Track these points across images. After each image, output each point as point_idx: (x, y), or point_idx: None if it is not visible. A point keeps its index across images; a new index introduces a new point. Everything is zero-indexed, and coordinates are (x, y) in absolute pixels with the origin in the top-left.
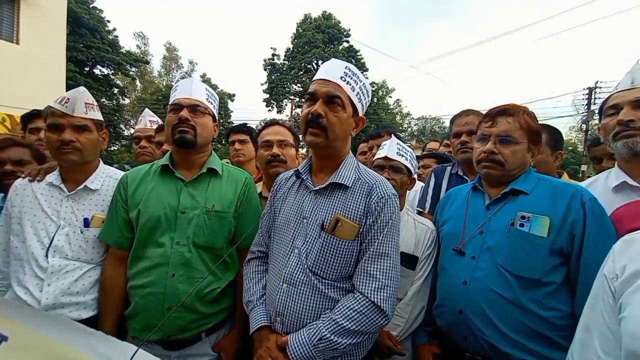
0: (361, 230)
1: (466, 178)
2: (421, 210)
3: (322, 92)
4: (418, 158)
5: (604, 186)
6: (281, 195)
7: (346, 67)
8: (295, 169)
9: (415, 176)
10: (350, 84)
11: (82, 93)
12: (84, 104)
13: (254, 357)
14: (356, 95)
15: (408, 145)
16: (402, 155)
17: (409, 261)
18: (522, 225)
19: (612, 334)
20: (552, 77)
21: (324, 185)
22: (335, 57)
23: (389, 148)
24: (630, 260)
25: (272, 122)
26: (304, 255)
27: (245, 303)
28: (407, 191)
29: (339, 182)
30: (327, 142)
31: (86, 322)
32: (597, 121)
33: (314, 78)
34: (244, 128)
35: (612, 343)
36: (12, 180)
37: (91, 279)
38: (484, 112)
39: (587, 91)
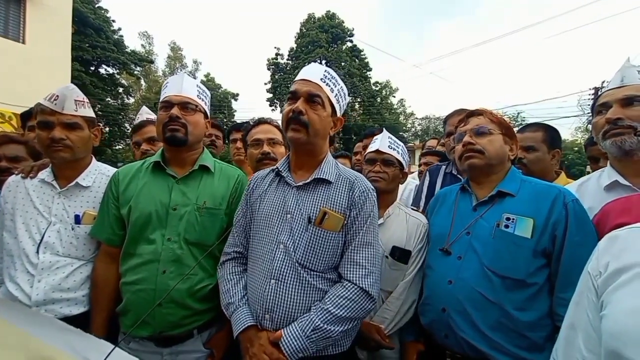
0: (346, 222)
1: (460, 177)
2: (415, 208)
3: (303, 91)
4: (421, 156)
5: (596, 185)
6: (259, 193)
7: (325, 71)
8: (273, 167)
9: (410, 170)
10: (329, 86)
11: (72, 90)
12: (74, 101)
13: (245, 357)
14: (335, 97)
15: (411, 145)
16: (394, 149)
17: (401, 255)
18: (506, 226)
19: (595, 332)
20: (557, 76)
21: (308, 180)
22: (339, 57)
23: (381, 141)
24: (614, 257)
25: (261, 121)
26: (292, 249)
27: (224, 306)
28: (400, 185)
29: (323, 177)
30: (308, 138)
31: (77, 318)
32: None
33: (295, 79)
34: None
35: (595, 341)
36: (7, 177)
37: (82, 275)
38: None
39: (593, 91)
